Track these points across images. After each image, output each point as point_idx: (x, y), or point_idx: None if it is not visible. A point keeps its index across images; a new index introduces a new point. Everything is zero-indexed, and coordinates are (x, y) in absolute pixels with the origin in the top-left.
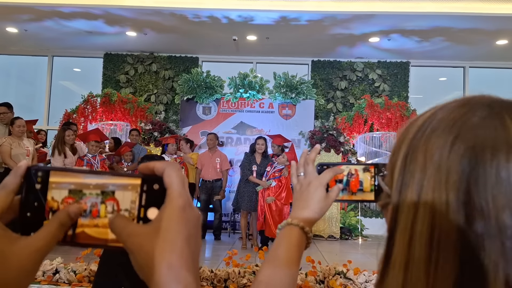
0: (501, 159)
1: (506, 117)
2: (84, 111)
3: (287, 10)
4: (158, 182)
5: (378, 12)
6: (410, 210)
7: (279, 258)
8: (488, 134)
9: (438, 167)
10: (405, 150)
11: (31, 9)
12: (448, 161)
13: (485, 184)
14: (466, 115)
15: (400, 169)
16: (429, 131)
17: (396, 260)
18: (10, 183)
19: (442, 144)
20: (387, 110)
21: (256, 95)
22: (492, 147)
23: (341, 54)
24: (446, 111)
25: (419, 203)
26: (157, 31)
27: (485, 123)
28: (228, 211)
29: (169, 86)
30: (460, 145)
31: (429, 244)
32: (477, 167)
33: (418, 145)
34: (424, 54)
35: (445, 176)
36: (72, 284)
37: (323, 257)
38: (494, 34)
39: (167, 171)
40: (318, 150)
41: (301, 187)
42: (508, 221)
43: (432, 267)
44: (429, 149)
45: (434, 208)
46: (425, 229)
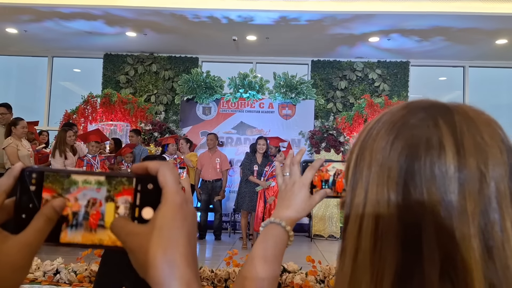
0: (434, 156)
1: (439, 118)
2: (84, 112)
3: (287, 10)
4: (152, 182)
5: (378, 12)
6: (359, 204)
7: (262, 256)
8: (422, 133)
9: (381, 165)
10: (357, 151)
11: (31, 9)
12: (389, 158)
13: (421, 179)
14: (405, 117)
15: (353, 168)
16: (375, 133)
17: (347, 250)
18: (3, 184)
19: (384, 144)
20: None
21: (256, 95)
22: (425, 145)
23: (341, 54)
24: (389, 115)
25: (366, 198)
26: (157, 32)
27: (421, 124)
28: (228, 211)
29: (169, 86)
30: (399, 144)
31: (374, 235)
32: (412, 163)
33: (366, 146)
34: (424, 54)
35: (387, 172)
36: (73, 285)
37: (323, 256)
38: (494, 34)
39: (161, 170)
40: (304, 151)
41: (286, 187)
42: (442, 212)
43: (377, 255)
44: (374, 149)
45: (378, 202)
46: (371, 221)
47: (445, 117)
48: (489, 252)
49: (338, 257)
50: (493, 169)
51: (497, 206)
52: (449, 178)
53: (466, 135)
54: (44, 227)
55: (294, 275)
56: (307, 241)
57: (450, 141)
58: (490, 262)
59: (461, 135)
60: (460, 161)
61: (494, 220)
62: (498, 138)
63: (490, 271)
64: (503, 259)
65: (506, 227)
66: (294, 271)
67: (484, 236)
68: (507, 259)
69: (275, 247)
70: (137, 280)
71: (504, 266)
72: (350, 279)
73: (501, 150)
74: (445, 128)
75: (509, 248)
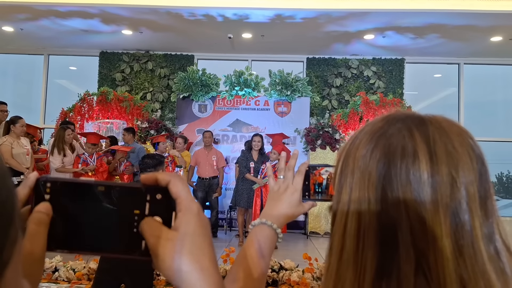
0: (409, 163)
1: (414, 129)
2: (81, 110)
3: (282, 8)
4: (161, 192)
5: (372, 10)
6: (344, 207)
7: (252, 256)
8: (398, 142)
9: (362, 171)
10: (342, 158)
11: (28, 8)
12: (369, 165)
13: (397, 184)
14: (383, 128)
15: (339, 174)
16: (358, 142)
17: (333, 250)
18: (19, 193)
19: (364, 152)
20: (382, 107)
21: (251, 92)
22: (401, 153)
23: (336, 51)
24: (371, 125)
25: (350, 201)
26: (153, 30)
27: (397, 134)
28: (224, 209)
29: (164, 84)
30: (377, 152)
31: (357, 235)
32: (390, 169)
33: (349, 153)
34: (419, 51)
35: (367, 177)
36: (72, 282)
37: (320, 254)
38: (489, 31)
39: (173, 181)
40: (297, 156)
41: (279, 189)
42: (417, 214)
43: (359, 253)
44: (356, 157)
45: (360, 205)
46: (354, 222)
47: (419, 128)
48: (460, 250)
49: (326, 255)
50: (463, 175)
51: (467, 208)
52: (423, 183)
53: (438, 144)
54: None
55: (291, 273)
56: (303, 238)
57: (423, 150)
58: (460, 259)
59: (434, 143)
60: (433, 168)
61: (464, 221)
62: (468, 146)
63: (460, 268)
64: (472, 256)
65: (475, 227)
66: (291, 268)
67: (455, 236)
68: (476, 256)
69: (264, 248)
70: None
71: (474, 263)
72: (336, 276)
73: (471, 157)
74: (419, 138)
75: (478, 246)
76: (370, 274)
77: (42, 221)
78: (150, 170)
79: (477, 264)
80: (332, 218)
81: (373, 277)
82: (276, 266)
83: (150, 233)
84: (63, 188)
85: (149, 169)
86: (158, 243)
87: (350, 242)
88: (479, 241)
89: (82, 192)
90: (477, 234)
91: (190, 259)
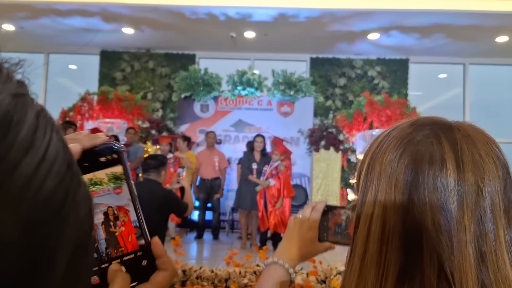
0: (436, 170)
1: (442, 135)
2: (81, 109)
3: (285, 7)
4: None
5: (377, 9)
6: (369, 210)
7: None
8: (426, 149)
9: (389, 176)
10: (368, 161)
11: (28, 6)
12: (396, 170)
13: (424, 190)
14: (411, 134)
15: (364, 177)
16: (385, 146)
17: (356, 252)
18: None
19: (392, 157)
20: (387, 107)
21: (254, 92)
22: (429, 159)
23: (340, 51)
24: (398, 131)
25: (375, 205)
26: (154, 28)
27: (425, 140)
28: (226, 210)
29: (165, 83)
30: (405, 158)
31: (380, 238)
32: (417, 176)
33: (376, 158)
34: (424, 51)
35: (394, 182)
36: None
37: (323, 256)
38: (494, 31)
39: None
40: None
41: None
42: (442, 220)
43: (382, 256)
44: (383, 162)
45: (385, 208)
46: (379, 225)
47: (447, 135)
48: (482, 257)
49: (347, 256)
50: (489, 184)
51: (491, 216)
52: (449, 190)
53: (465, 152)
54: None
55: (295, 275)
56: None
57: (451, 157)
58: (483, 266)
59: (461, 152)
60: (460, 176)
61: (488, 229)
62: (494, 155)
63: (483, 274)
64: (495, 262)
65: (499, 235)
66: (295, 271)
67: (478, 243)
68: (499, 263)
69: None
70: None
71: (496, 269)
72: (358, 276)
73: (497, 167)
74: (447, 145)
75: (501, 254)
76: (393, 277)
77: None
78: (153, 171)
79: (499, 271)
80: (355, 220)
81: (396, 280)
82: None
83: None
84: None
85: (152, 170)
86: None
87: (374, 244)
88: (503, 248)
89: None
90: (501, 242)
91: None
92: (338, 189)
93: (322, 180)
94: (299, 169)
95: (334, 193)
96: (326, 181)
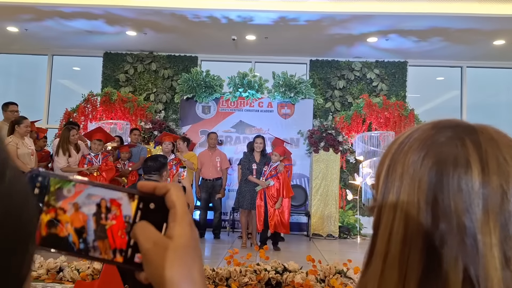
0: (461, 172)
1: (466, 138)
2: (85, 110)
3: (286, 10)
4: (155, 202)
5: (376, 13)
6: (390, 211)
7: None
8: (450, 151)
9: (412, 177)
10: (388, 163)
11: (33, 9)
12: (419, 172)
13: (448, 192)
14: (434, 136)
15: (384, 178)
16: (407, 148)
17: (378, 253)
18: None
19: (415, 159)
20: (385, 109)
21: (255, 94)
22: (454, 162)
23: (339, 53)
24: (420, 132)
25: (397, 206)
26: (157, 31)
27: (449, 143)
28: (227, 210)
29: (168, 85)
30: (429, 160)
31: (403, 240)
32: (441, 178)
33: (397, 159)
34: (422, 54)
35: (417, 184)
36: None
37: (322, 256)
38: (491, 34)
39: (172, 191)
40: None
41: None
42: (467, 223)
43: (405, 259)
44: (406, 163)
45: (408, 210)
46: (401, 227)
47: (471, 137)
48: (507, 261)
49: (366, 257)
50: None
51: None
52: (474, 193)
53: (490, 155)
54: None
55: (294, 274)
56: (305, 240)
57: (476, 159)
58: (507, 270)
59: (486, 154)
60: (485, 179)
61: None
62: None
63: (507, 278)
64: None
65: None
66: (295, 270)
67: (503, 247)
68: None
69: None
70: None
71: None
72: (380, 278)
73: None
74: (472, 147)
75: None
76: (416, 279)
77: None
78: (154, 173)
79: None
80: (375, 221)
81: (418, 282)
82: (280, 268)
83: (145, 238)
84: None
85: (153, 172)
86: (154, 249)
87: (397, 246)
88: None
89: None
90: None
91: (183, 270)
92: (337, 190)
93: (321, 180)
94: (298, 169)
95: (333, 194)
96: (325, 181)
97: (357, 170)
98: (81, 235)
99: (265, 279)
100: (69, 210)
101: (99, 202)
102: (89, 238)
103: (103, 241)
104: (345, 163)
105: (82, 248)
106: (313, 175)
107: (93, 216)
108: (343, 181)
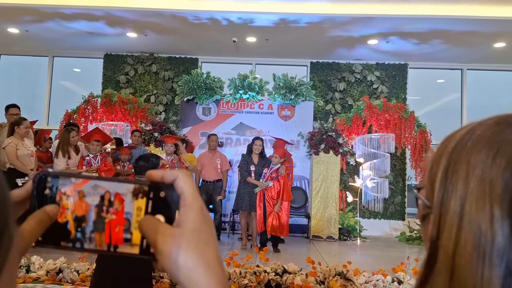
0: None
1: None
2: (85, 112)
3: (286, 12)
4: (165, 190)
5: (377, 15)
6: (454, 220)
7: None
8: None
9: (481, 180)
10: (445, 163)
11: (34, 10)
12: (490, 174)
13: None
14: (504, 132)
15: (441, 181)
16: (470, 145)
17: (441, 267)
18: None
19: (483, 158)
20: (386, 111)
21: (255, 96)
22: None
23: (340, 56)
24: (485, 127)
25: (463, 214)
26: (158, 33)
27: None
28: (227, 212)
29: (168, 86)
30: (502, 159)
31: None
32: None
33: (459, 158)
34: (422, 56)
35: (489, 188)
36: (75, 284)
37: (322, 257)
38: (492, 37)
39: (180, 177)
40: None
41: None
42: None
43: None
44: (471, 163)
45: (479, 217)
46: (470, 238)
47: None
48: None
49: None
50: None
51: None
52: None
53: None
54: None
55: (294, 276)
56: (305, 242)
57: None
58: None
59: None
60: None
61: None
62: None
63: None
64: None
65: None
66: (295, 272)
67: None
68: None
69: None
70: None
71: None
72: None
73: None
74: None
75: None
76: None
77: (43, 222)
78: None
79: None
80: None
81: None
82: (280, 269)
83: (150, 230)
84: None
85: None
86: (159, 239)
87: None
88: None
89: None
90: None
91: (197, 254)
92: (337, 192)
93: (321, 182)
94: (299, 171)
95: (333, 196)
96: (326, 183)
97: (357, 172)
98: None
99: (264, 281)
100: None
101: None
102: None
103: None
104: (345, 165)
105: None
106: (313, 177)
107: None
108: (343, 183)
